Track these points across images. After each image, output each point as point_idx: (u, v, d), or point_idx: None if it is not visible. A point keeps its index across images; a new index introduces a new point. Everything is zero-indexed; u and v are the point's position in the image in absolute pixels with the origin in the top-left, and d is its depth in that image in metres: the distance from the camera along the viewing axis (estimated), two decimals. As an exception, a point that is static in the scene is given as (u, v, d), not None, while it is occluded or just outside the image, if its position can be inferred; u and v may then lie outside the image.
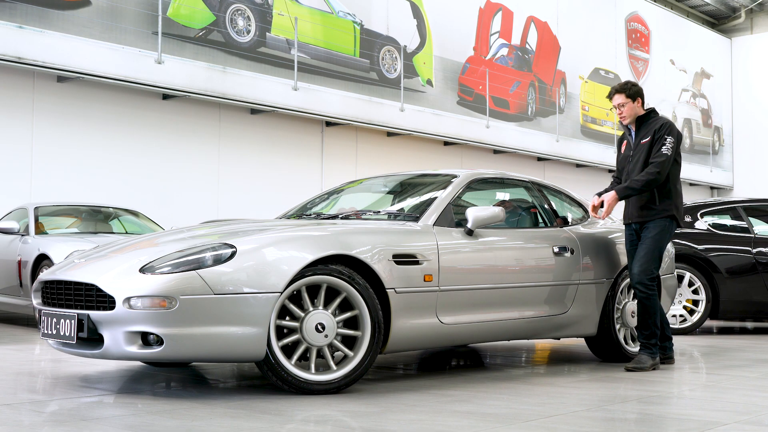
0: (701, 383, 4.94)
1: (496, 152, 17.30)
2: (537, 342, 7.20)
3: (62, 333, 4.15)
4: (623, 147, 5.67)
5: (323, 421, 3.51)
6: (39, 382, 4.60)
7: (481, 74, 16.78)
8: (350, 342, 4.27)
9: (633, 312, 5.73)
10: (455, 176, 5.30)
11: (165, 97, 12.22)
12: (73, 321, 4.07)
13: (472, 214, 4.87)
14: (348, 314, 4.23)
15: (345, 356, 4.25)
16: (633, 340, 5.82)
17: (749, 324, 10.26)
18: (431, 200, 5.04)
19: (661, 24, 22.51)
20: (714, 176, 23.77)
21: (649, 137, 5.42)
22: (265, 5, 13.00)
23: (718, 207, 8.69)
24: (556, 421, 3.55)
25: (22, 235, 8.45)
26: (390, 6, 15.05)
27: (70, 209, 9.36)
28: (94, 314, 4.00)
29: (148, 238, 4.71)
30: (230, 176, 13.04)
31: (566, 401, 4.09)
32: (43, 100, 11.06)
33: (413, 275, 4.49)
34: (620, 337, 5.72)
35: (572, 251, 5.46)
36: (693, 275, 8.03)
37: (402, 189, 5.77)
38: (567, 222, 5.73)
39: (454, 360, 5.94)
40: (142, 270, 3.99)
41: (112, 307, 3.93)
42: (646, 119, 5.52)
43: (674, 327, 7.85)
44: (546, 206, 5.73)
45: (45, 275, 4.49)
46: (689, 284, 8.03)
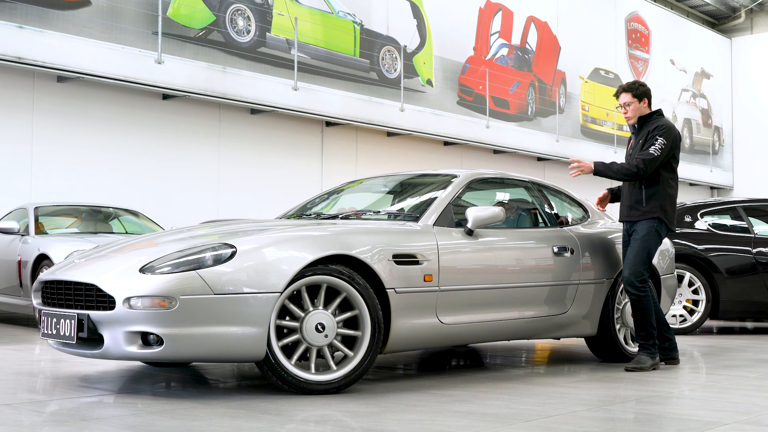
0: (701, 383, 4.94)
1: (496, 152, 17.30)
2: (537, 342, 7.20)
3: (62, 333, 4.16)
4: (629, 146, 5.71)
5: (323, 421, 3.51)
6: (39, 382, 4.60)
7: (481, 74, 16.78)
8: (350, 342, 4.27)
9: (633, 312, 5.74)
10: (455, 176, 5.30)
11: (165, 97, 12.21)
12: (73, 321, 4.08)
13: (472, 214, 4.87)
14: (348, 314, 4.23)
15: (345, 356, 4.25)
16: (633, 340, 5.82)
17: (749, 324, 10.25)
18: (431, 200, 5.04)
19: (661, 24, 22.50)
20: (714, 176, 23.77)
21: (644, 137, 5.44)
22: (265, 5, 13.00)
23: (718, 207, 8.69)
24: (556, 421, 3.55)
25: (22, 235, 8.45)
26: (390, 6, 15.04)
27: (70, 209, 9.36)
28: (94, 314, 4.00)
29: (148, 238, 4.71)
30: (230, 176, 13.03)
31: (566, 401, 4.09)
32: (43, 100, 11.05)
33: (413, 275, 4.49)
34: (620, 337, 5.72)
35: (572, 251, 5.46)
36: (693, 275, 8.03)
37: (402, 189, 5.77)
38: (567, 222, 5.74)
39: (454, 360, 5.94)
40: (142, 270, 3.99)
41: (112, 307, 3.94)
42: (648, 120, 5.53)
43: (674, 327, 7.84)
44: (546, 206, 5.74)
45: (45, 275, 4.49)
46: (689, 284, 8.03)
